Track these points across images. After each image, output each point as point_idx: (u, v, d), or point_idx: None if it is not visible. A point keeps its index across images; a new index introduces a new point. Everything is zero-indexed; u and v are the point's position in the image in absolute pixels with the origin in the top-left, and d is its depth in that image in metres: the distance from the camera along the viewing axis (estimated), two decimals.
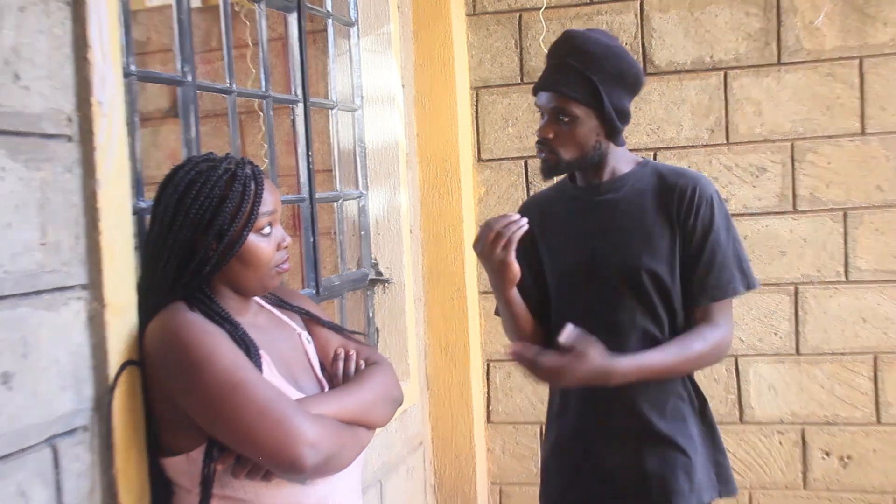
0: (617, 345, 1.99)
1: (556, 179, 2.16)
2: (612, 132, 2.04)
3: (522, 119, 3.63)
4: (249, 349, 1.56)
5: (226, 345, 1.49)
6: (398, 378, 1.83)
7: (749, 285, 2.05)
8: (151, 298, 1.58)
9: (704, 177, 2.07)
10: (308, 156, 2.82)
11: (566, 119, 2.00)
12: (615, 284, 2.05)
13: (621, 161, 2.11)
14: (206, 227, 1.57)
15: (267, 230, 1.62)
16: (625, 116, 2.04)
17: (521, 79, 3.64)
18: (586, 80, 1.99)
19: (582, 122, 2.01)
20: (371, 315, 3.32)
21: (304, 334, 1.76)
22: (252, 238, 1.60)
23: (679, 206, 2.02)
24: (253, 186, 1.60)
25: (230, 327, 1.57)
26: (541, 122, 2.05)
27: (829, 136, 3.40)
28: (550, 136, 2.02)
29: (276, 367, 1.62)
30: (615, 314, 2.04)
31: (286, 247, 1.64)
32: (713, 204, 2.02)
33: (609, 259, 2.06)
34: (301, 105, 2.86)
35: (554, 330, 1.99)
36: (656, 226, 2.02)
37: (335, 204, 3.21)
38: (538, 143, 2.04)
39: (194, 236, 1.57)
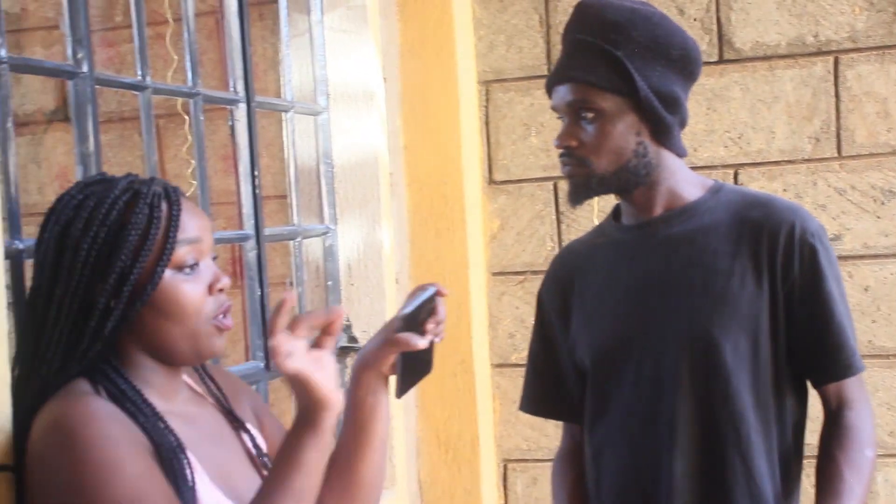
0: (679, 454, 1.94)
1: (596, 220, 2.12)
2: (659, 128, 1.99)
3: (551, 125, 3.38)
4: (173, 453, 1.49)
5: (132, 455, 1.42)
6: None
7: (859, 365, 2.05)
8: (37, 376, 1.50)
9: (803, 209, 2.03)
10: (253, 177, 2.76)
11: (589, 115, 1.97)
12: (675, 365, 1.97)
13: (682, 182, 2.04)
14: (103, 267, 1.51)
15: (190, 267, 1.54)
16: (673, 103, 1.99)
17: (549, 69, 3.45)
18: (608, 57, 1.96)
19: (612, 117, 1.98)
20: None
21: (254, 432, 1.71)
22: (170, 277, 1.52)
23: (772, 250, 1.96)
24: (164, 207, 1.53)
25: (146, 420, 1.49)
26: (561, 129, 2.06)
27: None
28: (573, 143, 1.98)
29: (209, 476, 1.53)
30: (674, 408, 1.97)
31: (222, 289, 1.53)
32: (822, 247, 1.97)
33: (666, 327, 2.00)
34: (243, 106, 2.78)
35: (589, 442, 2.04)
36: (735, 278, 1.96)
37: (291, 243, 3.07)
38: (561, 156, 2.03)
39: (90, 282, 1.50)
